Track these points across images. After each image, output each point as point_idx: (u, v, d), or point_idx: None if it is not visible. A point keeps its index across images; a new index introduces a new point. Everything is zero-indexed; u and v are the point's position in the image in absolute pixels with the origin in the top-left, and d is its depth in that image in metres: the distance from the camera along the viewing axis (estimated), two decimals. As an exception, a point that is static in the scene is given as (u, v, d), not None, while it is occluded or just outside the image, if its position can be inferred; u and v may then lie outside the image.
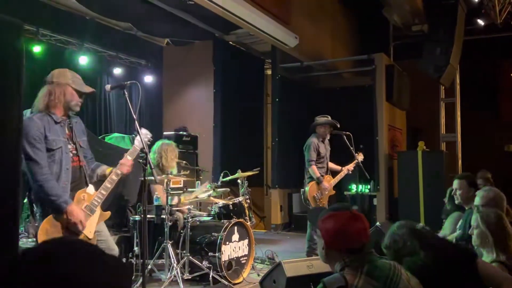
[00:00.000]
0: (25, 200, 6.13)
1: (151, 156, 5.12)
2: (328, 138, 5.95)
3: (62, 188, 2.97)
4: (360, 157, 6.10)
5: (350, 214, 1.88)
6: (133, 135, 3.54)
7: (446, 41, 8.66)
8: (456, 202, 3.95)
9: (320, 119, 5.92)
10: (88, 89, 3.21)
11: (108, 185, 3.15)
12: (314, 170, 5.69)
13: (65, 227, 2.95)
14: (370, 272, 1.80)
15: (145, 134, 3.41)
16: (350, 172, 6.10)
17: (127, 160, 3.27)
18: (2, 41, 1.93)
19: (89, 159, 3.33)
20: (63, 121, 3.10)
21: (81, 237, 2.97)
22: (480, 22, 9.96)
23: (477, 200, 3.31)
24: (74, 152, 3.14)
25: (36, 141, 2.88)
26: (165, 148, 5.25)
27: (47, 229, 2.91)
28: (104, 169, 3.34)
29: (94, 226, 3.10)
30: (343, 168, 6.03)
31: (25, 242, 5.56)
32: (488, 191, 3.35)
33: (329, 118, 5.92)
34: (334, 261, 1.89)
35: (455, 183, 3.91)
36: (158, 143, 5.35)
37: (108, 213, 3.25)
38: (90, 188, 3.14)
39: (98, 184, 3.22)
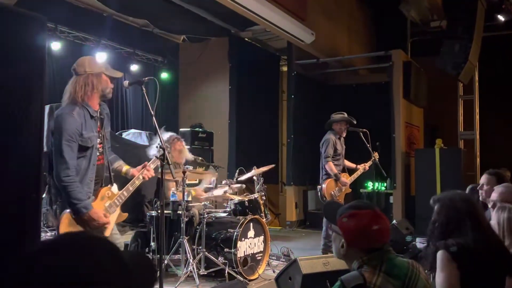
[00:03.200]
0: (44, 195, 6.22)
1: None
2: (345, 135, 5.91)
3: (87, 185, 2.96)
4: (375, 155, 6.05)
5: (373, 213, 1.84)
6: (151, 133, 3.58)
7: (465, 38, 8.51)
8: (480, 198, 3.88)
9: (336, 116, 5.89)
10: (119, 74, 3.23)
11: (130, 188, 3.20)
12: (331, 166, 5.65)
13: (87, 226, 2.92)
14: (389, 270, 1.78)
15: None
16: (367, 169, 6.06)
17: (151, 169, 3.32)
18: (27, 36, 1.96)
19: (108, 149, 3.32)
20: (97, 114, 3.10)
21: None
22: (501, 18, 9.77)
23: (493, 196, 3.25)
24: (101, 150, 3.14)
25: (71, 139, 2.86)
26: (171, 142, 5.19)
27: (68, 222, 2.90)
28: (121, 164, 3.35)
29: (112, 225, 3.13)
30: (359, 166, 5.98)
31: (43, 236, 5.64)
32: (506, 187, 3.29)
33: (345, 115, 5.88)
34: (352, 259, 1.87)
35: (484, 178, 3.83)
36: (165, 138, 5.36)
37: (126, 215, 3.27)
38: (115, 188, 3.16)
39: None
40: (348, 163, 6.03)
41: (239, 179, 5.88)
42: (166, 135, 5.07)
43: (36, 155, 2.03)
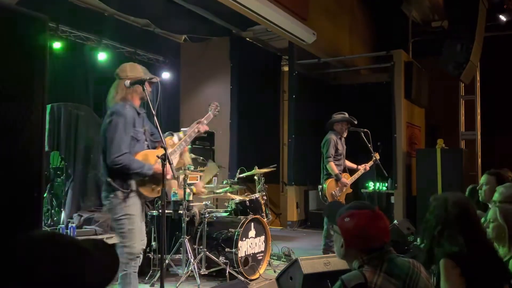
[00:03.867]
0: (45, 195, 6.22)
1: None
2: (346, 135, 5.90)
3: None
4: (376, 156, 6.04)
5: (371, 213, 1.85)
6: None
7: (466, 38, 8.50)
8: (480, 198, 3.87)
9: (337, 116, 5.88)
10: (156, 78, 3.51)
11: (188, 139, 3.62)
12: (332, 166, 5.64)
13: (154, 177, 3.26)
14: (389, 270, 1.78)
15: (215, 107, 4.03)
16: (368, 170, 6.05)
17: (203, 122, 3.77)
18: (28, 35, 1.96)
19: (155, 135, 3.56)
20: (141, 113, 3.43)
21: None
22: (502, 18, 9.76)
23: (496, 196, 3.25)
24: (145, 147, 3.41)
25: (127, 126, 3.18)
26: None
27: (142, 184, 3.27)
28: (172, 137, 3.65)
29: (174, 168, 3.40)
30: (360, 166, 5.98)
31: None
32: (509, 187, 3.28)
33: (346, 115, 5.87)
34: (352, 259, 1.87)
35: (484, 178, 3.83)
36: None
37: (183, 161, 3.73)
38: (175, 138, 3.60)
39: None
40: (349, 164, 6.02)
41: (239, 176, 5.89)
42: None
43: (37, 155, 2.03)
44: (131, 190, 3.21)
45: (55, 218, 6.23)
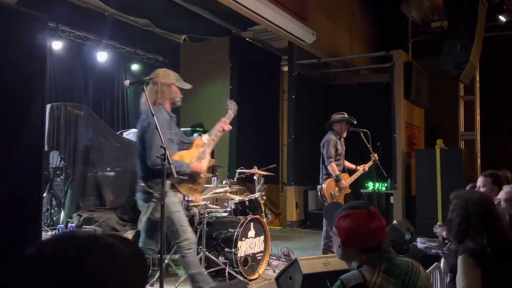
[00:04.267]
0: (45, 194, 6.21)
1: None
2: (345, 135, 5.90)
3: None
4: (375, 156, 6.05)
5: (366, 212, 1.85)
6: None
7: (466, 38, 8.50)
8: None
9: (337, 116, 5.88)
10: (188, 86, 3.71)
11: (215, 138, 3.81)
12: (333, 167, 5.63)
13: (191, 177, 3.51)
14: (388, 270, 1.78)
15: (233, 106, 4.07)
16: (366, 170, 6.05)
17: (226, 121, 3.92)
18: (28, 35, 1.96)
19: (186, 141, 3.79)
20: (173, 116, 3.63)
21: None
22: (502, 18, 9.76)
23: (501, 194, 3.25)
24: (177, 147, 3.61)
25: (162, 129, 3.28)
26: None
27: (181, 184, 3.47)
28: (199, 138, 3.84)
29: (205, 168, 3.73)
30: (359, 167, 5.98)
31: (44, 236, 5.65)
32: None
33: (346, 115, 5.87)
34: (350, 259, 1.87)
35: (480, 180, 3.84)
36: None
37: (213, 160, 3.91)
38: (204, 138, 3.79)
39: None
40: (347, 164, 6.02)
41: (239, 176, 5.89)
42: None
43: (37, 155, 2.03)
44: (167, 191, 3.32)
45: (55, 218, 6.24)
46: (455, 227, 2.27)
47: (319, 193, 5.80)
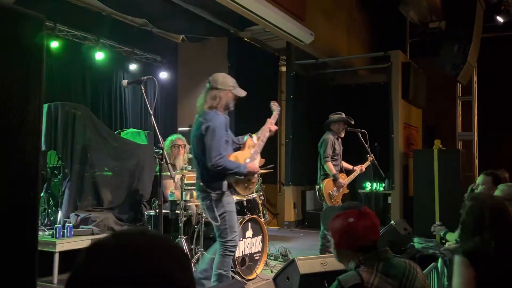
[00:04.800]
0: (42, 194, 6.21)
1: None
2: (343, 135, 5.91)
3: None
4: (371, 157, 6.06)
5: (357, 212, 1.86)
6: (149, 132, 3.79)
7: (464, 39, 8.52)
8: None
9: (334, 116, 5.88)
10: (243, 93, 3.81)
11: (264, 139, 3.97)
12: (330, 166, 5.64)
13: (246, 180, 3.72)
14: (386, 270, 1.78)
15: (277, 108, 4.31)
16: (363, 171, 6.06)
17: (272, 122, 4.10)
18: (25, 34, 1.95)
19: (239, 141, 3.96)
20: (227, 119, 3.77)
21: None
22: (499, 19, 9.78)
23: (497, 192, 3.26)
24: (231, 148, 3.76)
25: (222, 133, 3.52)
26: (170, 145, 5.34)
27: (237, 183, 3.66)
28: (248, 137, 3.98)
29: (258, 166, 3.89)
30: (356, 167, 5.98)
31: (41, 236, 5.64)
32: (510, 186, 3.29)
33: (343, 115, 5.87)
34: (347, 260, 1.88)
35: (480, 178, 3.85)
36: (169, 138, 5.43)
37: (263, 160, 4.21)
38: (254, 138, 3.96)
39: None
40: (345, 164, 6.03)
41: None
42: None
43: (34, 154, 2.02)
44: (224, 191, 3.56)
45: (52, 218, 6.22)
46: (467, 231, 2.26)
47: (317, 193, 5.81)
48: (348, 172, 6.00)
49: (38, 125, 2.02)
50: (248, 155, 3.81)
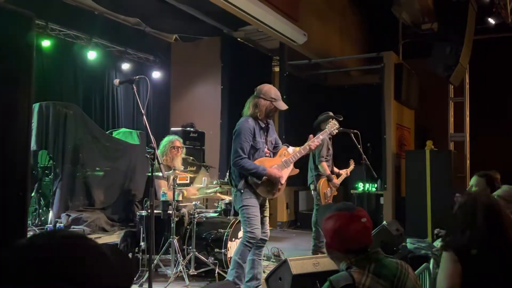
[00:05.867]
0: (33, 194, 6.15)
1: (160, 151, 5.20)
2: (335, 133, 5.89)
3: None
4: (352, 166, 6.14)
5: (349, 215, 1.84)
6: (141, 132, 3.76)
7: (456, 40, 8.56)
8: None
9: (322, 116, 5.86)
10: (284, 106, 4.00)
11: (303, 151, 4.09)
12: (324, 167, 5.66)
13: (270, 181, 3.86)
14: (377, 271, 1.78)
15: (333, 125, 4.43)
16: (348, 175, 6.15)
17: (318, 139, 4.18)
18: (14, 33, 1.92)
19: (280, 145, 4.17)
20: (265, 127, 3.97)
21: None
22: (491, 21, 9.85)
23: (499, 191, 3.26)
24: (267, 155, 3.97)
25: (245, 137, 3.76)
26: (168, 146, 5.29)
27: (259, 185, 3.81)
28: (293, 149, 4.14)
29: (287, 175, 4.02)
30: (341, 171, 6.06)
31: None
32: (511, 188, 3.29)
33: (331, 113, 5.85)
34: (338, 260, 1.88)
35: (474, 180, 3.86)
36: (166, 139, 5.39)
37: (297, 170, 4.24)
38: (290, 149, 4.10)
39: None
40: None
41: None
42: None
43: (23, 154, 2.00)
44: (240, 189, 3.79)
45: (43, 218, 6.18)
46: (457, 224, 2.25)
47: (312, 192, 5.82)
48: (336, 175, 6.05)
49: (27, 124, 2.00)
50: (278, 162, 3.98)
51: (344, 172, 6.02)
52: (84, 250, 0.83)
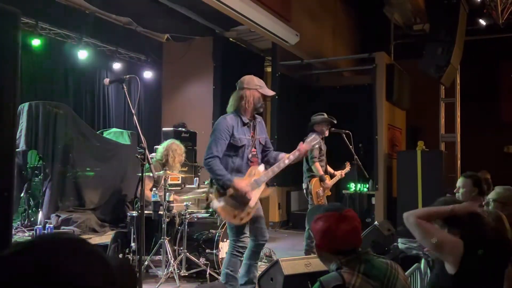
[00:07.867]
0: (22, 194, 6.08)
1: (159, 150, 5.19)
2: (327, 134, 5.91)
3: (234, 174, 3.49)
4: (347, 168, 6.13)
5: (337, 215, 1.84)
6: (132, 132, 3.67)
7: (447, 41, 8.61)
8: None
9: (317, 117, 5.87)
10: (270, 92, 3.74)
11: (276, 169, 3.68)
12: (318, 167, 5.66)
13: (236, 201, 3.45)
14: (367, 271, 1.78)
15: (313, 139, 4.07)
16: (343, 176, 6.13)
17: (303, 148, 3.81)
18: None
19: (270, 150, 3.85)
20: (249, 122, 3.64)
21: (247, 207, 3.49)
22: (482, 22, 9.92)
23: (493, 194, 3.27)
24: (254, 153, 3.65)
25: (221, 134, 3.45)
26: (174, 148, 5.27)
27: (223, 207, 3.43)
28: (283, 156, 3.79)
29: (257, 197, 3.60)
30: (336, 172, 6.05)
31: (21, 237, 5.54)
32: (507, 189, 3.30)
33: (325, 115, 5.86)
34: (328, 261, 1.87)
35: (460, 181, 3.86)
36: (169, 141, 5.39)
37: (270, 191, 3.99)
38: (261, 167, 3.67)
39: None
40: (328, 168, 6.07)
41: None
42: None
43: (8, 154, 1.97)
44: (218, 202, 3.46)
45: (33, 219, 6.12)
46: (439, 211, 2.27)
47: (305, 191, 5.82)
48: (330, 176, 6.04)
49: (12, 125, 1.96)
50: (248, 181, 3.54)
51: (339, 174, 6.00)
52: (86, 255, 0.81)
